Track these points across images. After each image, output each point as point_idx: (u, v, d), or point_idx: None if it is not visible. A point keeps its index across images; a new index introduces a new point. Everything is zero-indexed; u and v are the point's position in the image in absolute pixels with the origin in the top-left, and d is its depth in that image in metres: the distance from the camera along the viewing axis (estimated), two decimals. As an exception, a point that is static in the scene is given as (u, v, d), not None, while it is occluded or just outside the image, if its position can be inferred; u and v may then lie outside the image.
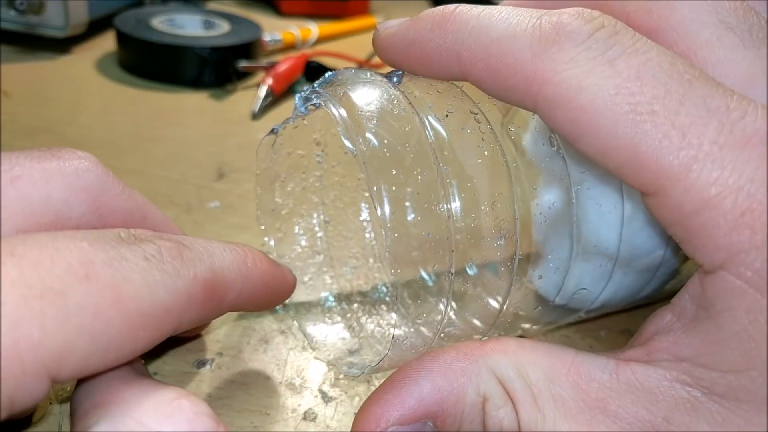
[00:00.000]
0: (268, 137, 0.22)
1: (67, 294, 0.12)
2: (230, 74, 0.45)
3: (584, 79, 0.15)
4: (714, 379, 0.15)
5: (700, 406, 0.15)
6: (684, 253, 0.15)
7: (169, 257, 0.14)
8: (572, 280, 0.19)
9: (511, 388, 0.16)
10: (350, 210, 0.26)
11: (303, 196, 0.25)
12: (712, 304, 0.15)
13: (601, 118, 0.14)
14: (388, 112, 0.17)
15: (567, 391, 0.16)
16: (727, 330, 0.14)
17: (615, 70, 0.15)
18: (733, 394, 0.14)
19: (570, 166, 0.18)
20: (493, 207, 0.17)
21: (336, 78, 0.19)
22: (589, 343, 0.25)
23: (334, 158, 0.25)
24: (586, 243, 0.19)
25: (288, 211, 0.25)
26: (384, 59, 0.19)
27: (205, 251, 0.16)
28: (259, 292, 0.18)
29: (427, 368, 0.16)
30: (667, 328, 0.16)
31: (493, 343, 0.17)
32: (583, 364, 0.16)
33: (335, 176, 0.25)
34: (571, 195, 0.18)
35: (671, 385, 0.15)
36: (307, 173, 0.25)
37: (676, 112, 0.14)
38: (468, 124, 0.18)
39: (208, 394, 0.20)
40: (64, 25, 0.45)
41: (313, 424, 0.20)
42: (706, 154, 0.14)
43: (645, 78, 0.14)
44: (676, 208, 0.14)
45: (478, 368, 0.16)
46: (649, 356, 0.16)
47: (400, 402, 0.16)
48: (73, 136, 0.36)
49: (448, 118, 0.18)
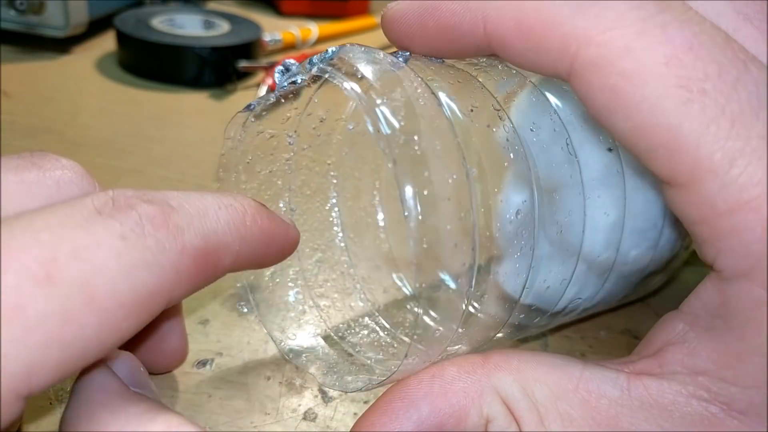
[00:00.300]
0: (241, 114, 0.20)
1: (26, 306, 0.10)
2: (230, 74, 0.45)
3: (633, 42, 0.13)
4: (734, 394, 0.14)
5: (718, 423, 0.14)
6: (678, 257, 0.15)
7: (151, 228, 0.12)
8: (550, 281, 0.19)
9: (515, 408, 0.15)
10: (317, 198, 0.25)
11: (269, 179, 0.23)
12: (733, 314, 0.14)
13: (645, 88, 0.13)
14: (414, 102, 0.15)
15: (575, 409, 0.15)
16: (750, 343, 0.13)
17: (667, 36, 0.13)
18: (755, 411, 0.13)
19: (543, 164, 0.18)
20: (516, 215, 0.16)
21: (345, 55, 0.17)
22: (589, 343, 0.25)
23: (306, 140, 0.23)
24: (567, 245, 0.18)
25: (251, 197, 0.23)
26: (396, 35, 0.17)
27: (195, 212, 0.14)
28: (259, 253, 0.16)
29: (426, 389, 0.15)
30: (680, 338, 0.15)
31: (497, 358, 0.16)
32: (593, 380, 0.15)
33: (304, 160, 0.24)
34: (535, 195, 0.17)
35: (687, 401, 0.14)
36: (275, 155, 0.23)
37: (728, 96, 0.12)
38: (493, 122, 0.17)
39: (209, 394, 0.20)
40: (64, 25, 0.45)
41: (314, 425, 0.20)
42: (754, 150, 0.12)
43: (699, 51, 0.13)
44: (707, 205, 0.13)
45: (481, 388, 0.15)
46: (662, 368, 0.15)
47: (397, 426, 0.15)
48: (73, 135, 0.36)
49: (473, 113, 0.17)
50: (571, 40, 0.13)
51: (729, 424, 0.14)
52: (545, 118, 0.18)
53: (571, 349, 0.24)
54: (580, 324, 0.26)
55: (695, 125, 0.12)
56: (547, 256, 0.18)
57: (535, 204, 0.17)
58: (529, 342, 0.24)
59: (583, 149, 0.18)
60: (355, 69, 0.16)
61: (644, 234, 0.19)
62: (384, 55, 0.17)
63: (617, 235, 0.19)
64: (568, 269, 0.19)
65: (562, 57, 0.14)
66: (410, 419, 0.15)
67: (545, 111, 0.18)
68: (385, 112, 0.14)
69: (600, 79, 0.13)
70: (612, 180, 0.18)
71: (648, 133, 0.13)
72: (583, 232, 0.18)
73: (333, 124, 0.24)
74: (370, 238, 0.27)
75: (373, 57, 0.16)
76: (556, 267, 0.18)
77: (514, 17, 0.14)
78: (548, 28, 0.14)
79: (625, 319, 0.26)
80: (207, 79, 0.45)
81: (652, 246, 0.20)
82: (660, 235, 0.20)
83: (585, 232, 0.18)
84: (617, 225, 0.19)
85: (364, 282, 0.26)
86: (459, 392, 0.15)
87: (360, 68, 0.16)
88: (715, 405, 0.14)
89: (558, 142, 0.18)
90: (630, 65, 0.13)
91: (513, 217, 0.17)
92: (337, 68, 0.16)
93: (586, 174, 0.18)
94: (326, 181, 0.25)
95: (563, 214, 0.18)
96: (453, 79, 0.17)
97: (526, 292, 0.18)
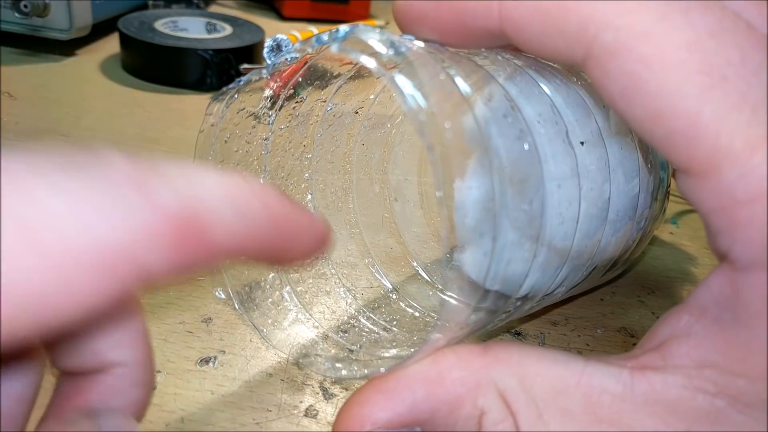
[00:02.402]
0: (228, 89, 0.19)
1: None
2: (233, 77, 0.45)
3: (653, 26, 0.12)
4: (741, 387, 0.13)
5: (724, 418, 0.13)
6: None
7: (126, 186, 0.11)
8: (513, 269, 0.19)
9: (512, 401, 0.15)
10: (291, 180, 0.25)
11: (245, 159, 0.22)
12: (745, 305, 0.13)
13: (665, 73, 0.12)
14: (438, 87, 0.15)
15: (576, 405, 0.14)
16: (761, 334, 0.13)
17: (689, 20, 0.12)
18: (763, 404, 0.13)
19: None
20: (531, 204, 0.16)
21: (364, 36, 0.16)
22: (586, 341, 0.25)
23: (284, 121, 0.23)
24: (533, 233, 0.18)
25: None
26: (408, 14, 0.17)
27: (182, 177, 0.12)
28: (269, 239, 0.13)
29: (424, 373, 0.15)
30: (684, 330, 0.15)
31: (498, 350, 0.16)
32: (595, 375, 0.15)
33: (281, 140, 0.23)
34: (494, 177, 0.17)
35: (692, 395, 0.14)
36: (252, 134, 0.22)
37: (750, 83, 0.12)
38: (509, 112, 0.17)
39: (211, 391, 0.21)
40: (68, 28, 0.46)
41: (315, 421, 0.20)
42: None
43: (721, 37, 0.12)
44: (725, 194, 0.13)
45: (478, 379, 0.15)
46: (666, 362, 0.14)
47: (390, 405, 0.15)
48: (77, 137, 0.37)
49: (491, 102, 0.17)
50: (590, 23, 0.13)
51: (735, 418, 0.13)
52: (546, 108, 0.19)
53: (567, 346, 0.25)
54: (576, 322, 0.26)
55: (716, 112, 0.12)
56: (506, 244, 0.18)
57: (495, 193, 0.16)
58: (527, 339, 0.25)
59: (557, 142, 0.19)
60: (376, 51, 0.15)
61: (618, 223, 0.20)
62: (396, 37, 0.17)
63: (598, 224, 0.19)
64: (528, 256, 0.19)
65: (580, 41, 0.13)
66: (404, 401, 0.15)
67: (543, 102, 0.19)
68: (417, 97, 0.14)
69: (618, 65, 0.13)
70: (589, 171, 0.19)
71: (667, 119, 0.13)
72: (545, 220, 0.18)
73: (312, 105, 0.24)
74: (342, 223, 0.27)
75: (387, 38, 0.16)
76: (516, 254, 0.18)
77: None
78: (566, 10, 0.13)
79: (621, 317, 0.27)
80: (210, 82, 0.45)
81: (626, 234, 0.20)
82: (633, 223, 0.20)
83: (548, 221, 0.18)
84: (595, 214, 0.19)
85: (338, 267, 0.26)
86: (456, 380, 0.15)
87: (380, 51, 0.15)
88: (721, 399, 0.13)
89: (560, 132, 0.18)
90: (650, 50, 0.13)
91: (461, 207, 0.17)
92: (358, 49, 0.15)
93: (557, 167, 0.18)
94: (300, 163, 0.25)
95: (526, 203, 0.18)
96: (463, 65, 0.17)
97: (486, 278, 0.18)
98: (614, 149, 0.20)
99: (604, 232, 0.20)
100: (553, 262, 0.19)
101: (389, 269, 0.27)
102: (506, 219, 0.17)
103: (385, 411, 0.15)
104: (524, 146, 0.17)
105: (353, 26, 0.17)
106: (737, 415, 0.13)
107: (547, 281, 0.20)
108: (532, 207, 0.17)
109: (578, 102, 0.20)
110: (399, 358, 0.16)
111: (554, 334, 0.25)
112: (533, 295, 0.20)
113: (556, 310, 0.27)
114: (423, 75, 0.15)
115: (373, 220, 0.28)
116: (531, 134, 0.17)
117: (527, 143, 0.17)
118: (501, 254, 0.17)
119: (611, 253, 0.21)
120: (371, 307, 0.25)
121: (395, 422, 0.15)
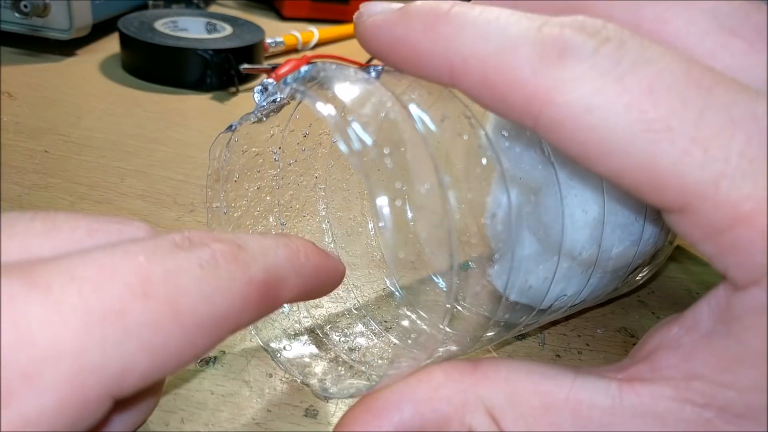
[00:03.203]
0: (224, 135, 0.21)
1: (127, 314, 0.12)
2: (232, 77, 0.46)
3: (591, 100, 0.13)
4: (730, 399, 0.14)
5: (713, 429, 0.14)
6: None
7: (223, 262, 0.14)
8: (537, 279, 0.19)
9: (501, 419, 0.15)
10: (306, 211, 0.26)
11: (257, 196, 0.24)
12: (737, 319, 0.14)
13: (613, 138, 0.13)
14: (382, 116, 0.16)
15: (565, 420, 0.15)
16: (751, 347, 0.13)
17: (624, 86, 0.13)
18: (752, 415, 0.13)
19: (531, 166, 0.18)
20: (492, 219, 0.17)
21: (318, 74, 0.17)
22: (585, 341, 0.25)
23: (291, 156, 0.24)
24: (553, 243, 0.19)
25: (241, 214, 0.24)
26: (367, 49, 0.18)
27: (259, 250, 0.15)
28: (311, 285, 0.17)
29: (411, 392, 0.16)
30: (673, 342, 0.15)
31: (486, 367, 0.16)
32: (584, 389, 0.15)
33: (291, 175, 0.25)
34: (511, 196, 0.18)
35: (681, 407, 0.14)
36: (262, 172, 0.24)
37: (696, 125, 0.13)
38: (465, 130, 0.18)
39: (211, 391, 0.21)
40: (68, 28, 0.46)
41: (315, 421, 0.20)
42: (734, 169, 0.13)
43: (658, 92, 0.13)
44: (706, 225, 0.13)
45: (465, 397, 0.15)
46: (654, 373, 0.15)
47: (379, 424, 0.16)
48: (78, 137, 0.37)
49: (444, 123, 0.17)
50: (534, 100, 0.14)
51: (724, 429, 0.14)
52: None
53: (567, 347, 0.25)
54: (576, 322, 0.26)
55: (670, 160, 0.13)
56: (530, 255, 0.18)
57: (512, 205, 0.17)
58: (527, 340, 0.25)
59: (530, 153, 0.19)
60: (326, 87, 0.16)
61: (626, 229, 0.20)
62: (355, 72, 0.17)
63: (598, 231, 0.19)
64: (551, 267, 0.19)
65: (527, 114, 0.14)
66: (391, 420, 0.16)
67: None
68: (357, 128, 0.15)
69: (568, 135, 0.14)
70: (589, 177, 0.19)
71: (628, 175, 0.14)
72: (563, 230, 0.18)
73: (317, 138, 0.24)
74: (361, 247, 0.27)
75: (344, 74, 0.17)
76: (540, 265, 0.19)
77: (479, 72, 0.15)
78: (512, 87, 0.14)
79: (621, 317, 0.27)
80: (210, 82, 0.46)
81: (636, 240, 0.20)
82: (642, 230, 0.20)
83: (566, 230, 0.18)
84: (598, 221, 0.19)
85: (356, 289, 0.26)
86: (443, 399, 0.15)
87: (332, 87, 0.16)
88: (709, 411, 0.14)
89: (533, 143, 0.19)
90: (593, 121, 0.13)
91: (491, 219, 0.17)
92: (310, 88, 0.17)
93: (563, 173, 0.18)
94: (314, 194, 0.26)
95: (544, 214, 0.18)
96: (424, 91, 0.18)
97: (510, 290, 0.18)
98: None
99: (607, 238, 0.20)
100: (576, 272, 0.19)
101: (411, 289, 0.27)
102: (526, 230, 0.17)
103: (374, 430, 0.16)
104: (482, 161, 0.17)
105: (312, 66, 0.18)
106: (726, 426, 0.14)
107: (572, 291, 0.20)
108: (551, 215, 0.17)
109: None
110: (390, 375, 0.16)
111: (554, 334, 0.25)
112: (558, 306, 0.20)
113: (556, 310, 0.27)
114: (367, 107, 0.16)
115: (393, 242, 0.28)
116: (492, 149, 0.18)
117: (485, 158, 0.17)
118: (520, 265, 0.17)
119: (621, 260, 0.21)
120: (389, 327, 0.25)
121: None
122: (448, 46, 0.15)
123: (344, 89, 0.16)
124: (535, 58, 0.14)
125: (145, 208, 0.31)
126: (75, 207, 0.30)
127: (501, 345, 0.24)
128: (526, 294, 0.19)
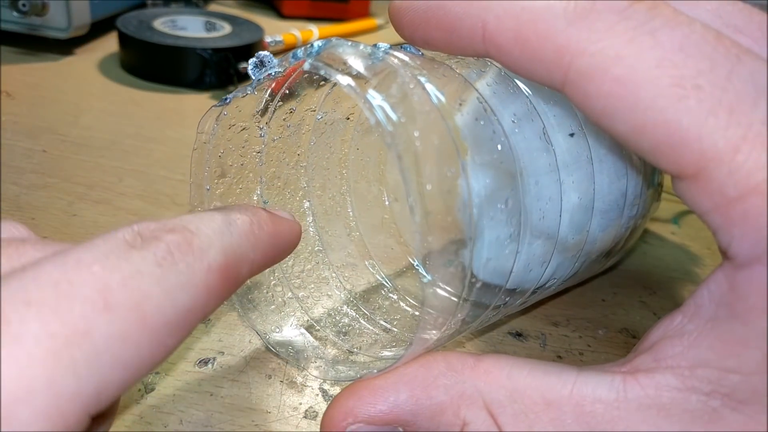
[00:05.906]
0: (216, 108, 0.20)
1: (93, 331, 0.11)
2: (231, 76, 0.45)
3: (623, 49, 0.13)
4: (735, 384, 0.13)
5: (719, 417, 0.14)
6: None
7: (180, 254, 0.14)
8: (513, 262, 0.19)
9: (499, 414, 0.15)
10: (288, 189, 0.25)
11: (240, 173, 0.23)
12: (741, 300, 0.13)
13: (640, 91, 0.13)
14: (410, 98, 0.16)
15: (569, 415, 0.14)
16: (756, 328, 0.13)
17: (656, 41, 0.13)
18: (758, 399, 0.13)
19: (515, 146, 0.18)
20: (506, 203, 0.17)
21: (335, 51, 0.17)
22: (587, 342, 0.25)
23: (276, 132, 0.23)
24: (535, 228, 0.19)
25: (223, 191, 0.23)
26: (399, 22, 0.18)
27: (212, 232, 0.15)
28: (270, 254, 0.17)
29: (411, 376, 0.16)
30: (677, 331, 0.15)
31: (488, 361, 0.16)
32: (587, 384, 0.15)
33: (275, 152, 0.24)
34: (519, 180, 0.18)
35: (686, 397, 0.14)
36: (246, 148, 0.23)
37: (723, 88, 0.13)
38: (480, 114, 0.17)
39: (210, 392, 0.21)
40: (66, 27, 0.46)
41: (314, 423, 0.20)
42: (756, 135, 0.13)
43: (689, 51, 0.13)
44: (717, 193, 0.13)
45: (463, 390, 0.15)
46: (657, 363, 0.15)
47: (372, 402, 0.16)
48: (76, 136, 0.37)
49: (462, 107, 0.17)
50: (565, 51, 0.14)
51: (730, 417, 0.13)
52: (522, 106, 0.19)
53: (569, 348, 0.24)
54: (578, 323, 0.26)
55: (694, 119, 0.13)
56: (502, 238, 0.18)
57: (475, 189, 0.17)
58: (528, 341, 0.25)
59: (534, 139, 0.19)
60: (348, 65, 0.16)
61: (608, 214, 0.20)
62: (370, 49, 0.17)
63: (585, 216, 0.19)
64: (534, 251, 0.19)
65: (557, 68, 0.14)
66: (386, 399, 0.16)
67: (519, 101, 0.19)
68: (386, 108, 0.15)
69: (595, 87, 0.14)
70: (575, 164, 0.19)
71: (649, 132, 0.13)
72: (542, 218, 0.19)
73: (303, 114, 0.24)
74: (341, 227, 0.27)
75: (361, 51, 0.17)
76: (522, 248, 0.18)
77: (512, 27, 0.15)
78: (543, 39, 0.14)
79: (623, 318, 0.27)
80: (208, 81, 0.45)
81: (616, 225, 0.20)
82: (622, 215, 0.21)
83: (536, 218, 0.18)
84: (583, 207, 0.19)
85: (338, 270, 0.26)
86: (440, 388, 0.16)
87: (353, 64, 0.16)
88: (715, 398, 0.14)
89: (536, 130, 0.19)
90: (623, 71, 0.13)
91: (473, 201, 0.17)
92: (329, 65, 0.16)
93: (532, 163, 0.18)
94: (296, 171, 0.25)
95: (503, 202, 0.18)
96: (438, 74, 0.17)
97: (488, 274, 0.18)
98: (601, 138, 0.20)
99: (592, 223, 0.20)
100: (538, 255, 0.19)
101: (390, 269, 0.27)
102: (484, 218, 0.17)
103: (367, 406, 0.16)
104: (497, 147, 0.17)
105: (326, 41, 0.18)
106: (732, 413, 0.13)
107: (534, 275, 0.20)
108: (509, 206, 0.17)
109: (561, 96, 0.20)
110: (398, 358, 0.16)
111: (555, 335, 0.25)
112: (523, 290, 0.20)
113: (557, 310, 0.27)
114: (393, 87, 0.15)
115: (373, 222, 0.28)
116: (505, 135, 0.17)
117: (500, 144, 0.17)
118: (480, 252, 0.17)
119: (603, 243, 0.21)
120: (371, 308, 0.25)
121: (376, 419, 0.16)
122: (482, 5, 0.15)
123: (366, 67, 0.16)
124: (569, 10, 0.14)
125: (143, 208, 0.31)
126: (73, 207, 0.30)
127: (501, 346, 0.24)
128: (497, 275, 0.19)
